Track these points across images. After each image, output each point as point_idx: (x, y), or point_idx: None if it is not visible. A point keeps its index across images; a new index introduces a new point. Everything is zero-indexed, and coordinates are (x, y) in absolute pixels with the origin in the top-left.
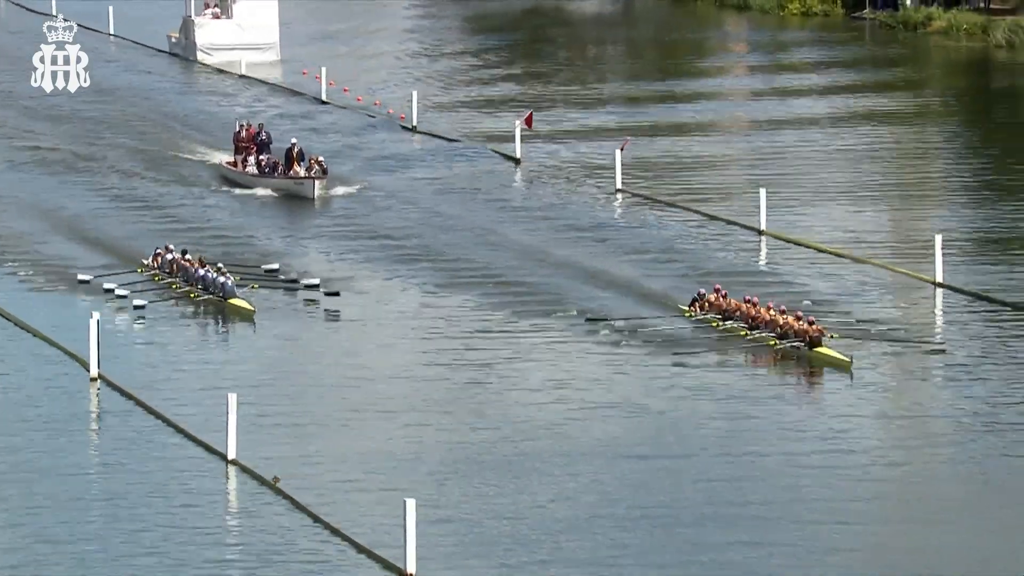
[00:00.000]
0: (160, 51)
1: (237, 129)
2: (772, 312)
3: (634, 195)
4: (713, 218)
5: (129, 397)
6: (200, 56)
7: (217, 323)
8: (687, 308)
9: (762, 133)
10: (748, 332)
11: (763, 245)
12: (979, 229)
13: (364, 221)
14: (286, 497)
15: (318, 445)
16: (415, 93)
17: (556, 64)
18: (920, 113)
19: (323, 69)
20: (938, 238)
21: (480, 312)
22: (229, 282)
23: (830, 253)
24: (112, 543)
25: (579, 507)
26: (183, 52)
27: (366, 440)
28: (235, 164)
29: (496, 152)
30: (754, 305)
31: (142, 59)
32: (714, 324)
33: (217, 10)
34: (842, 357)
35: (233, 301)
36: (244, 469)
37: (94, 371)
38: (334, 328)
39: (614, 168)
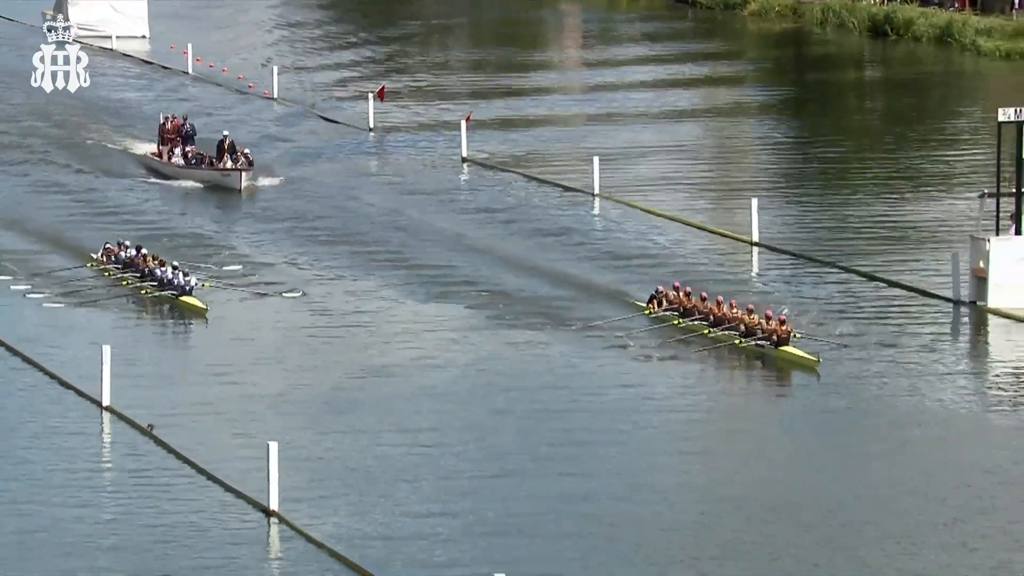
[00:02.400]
0: (35, 28)
1: (162, 121)
2: (736, 310)
3: (479, 163)
4: (552, 183)
5: (8, 348)
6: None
7: (121, 297)
8: (646, 305)
9: (597, 117)
10: (710, 330)
11: (596, 206)
12: (791, 193)
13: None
14: (160, 443)
15: (191, 395)
16: (275, 68)
17: (406, 41)
18: (736, 91)
19: (189, 45)
20: (754, 201)
21: (348, 276)
22: (184, 280)
23: (657, 215)
24: None
25: (426, 447)
26: None
27: (233, 389)
28: (160, 155)
29: (350, 125)
30: (718, 304)
31: (20, 36)
32: (676, 322)
33: None
34: (809, 356)
35: (186, 299)
36: (119, 415)
37: None
38: (214, 292)
39: (460, 138)
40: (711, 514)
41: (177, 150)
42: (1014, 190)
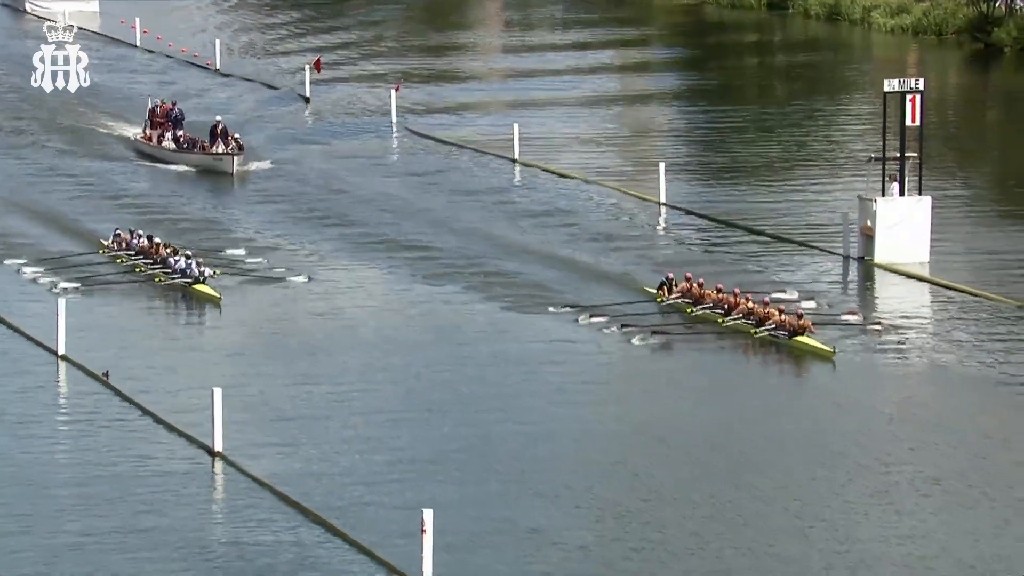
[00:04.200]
0: None
1: (152, 106)
2: (750, 301)
3: (407, 130)
4: (475, 150)
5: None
6: (28, 7)
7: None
8: (656, 292)
9: (515, 80)
10: (723, 319)
11: (516, 171)
12: (696, 158)
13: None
14: (116, 390)
15: (141, 344)
16: (218, 41)
17: (341, 14)
18: (644, 62)
19: (137, 19)
20: (662, 166)
21: (295, 235)
22: (196, 267)
23: (572, 177)
24: None
25: (358, 393)
26: (13, 3)
27: (181, 340)
28: (149, 139)
29: (288, 95)
30: (734, 294)
31: None
32: (688, 311)
33: None
34: (825, 348)
35: (199, 287)
36: (74, 364)
37: None
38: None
39: (390, 106)
40: (621, 452)
41: (168, 134)
42: (898, 155)
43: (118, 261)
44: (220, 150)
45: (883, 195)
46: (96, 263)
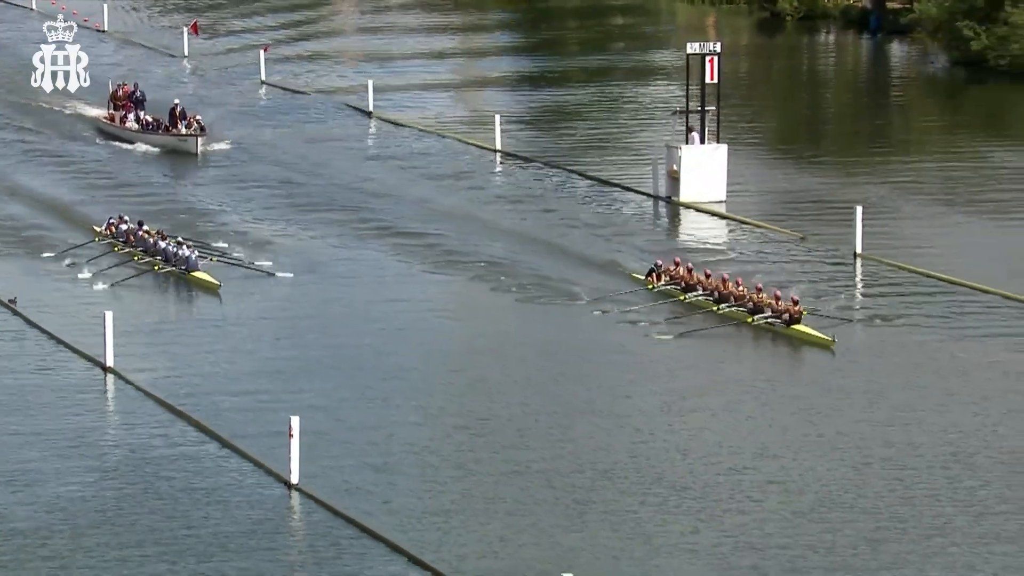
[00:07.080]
0: None
1: (113, 88)
2: (742, 288)
3: (274, 86)
4: (335, 103)
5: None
6: None
7: None
8: (645, 278)
9: (369, 42)
10: (717, 306)
11: (372, 123)
12: (530, 109)
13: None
14: (19, 313)
15: (49, 276)
16: (106, 5)
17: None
18: (480, 24)
19: None
20: (497, 117)
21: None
22: (192, 255)
23: (420, 129)
24: None
25: (234, 314)
26: None
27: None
28: (112, 119)
29: (167, 52)
30: (724, 281)
31: None
32: (681, 297)
33: None
34: (824, 336)
35: (196, 274)
36: None
37: None
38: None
39: (259, 65)
40: (464, 365)
41: (131, 115)
42: (699, 108)
43: (116, 249)
44: (183, 131)
45: (686, 143)
46: (93, 250)
